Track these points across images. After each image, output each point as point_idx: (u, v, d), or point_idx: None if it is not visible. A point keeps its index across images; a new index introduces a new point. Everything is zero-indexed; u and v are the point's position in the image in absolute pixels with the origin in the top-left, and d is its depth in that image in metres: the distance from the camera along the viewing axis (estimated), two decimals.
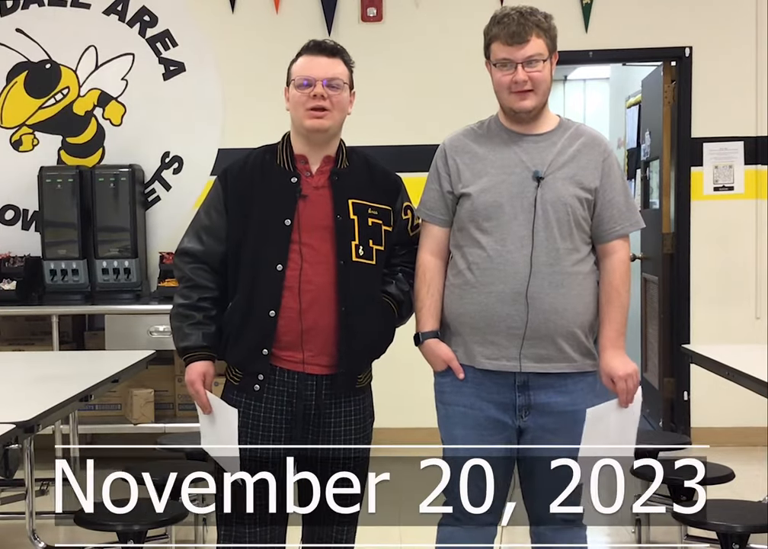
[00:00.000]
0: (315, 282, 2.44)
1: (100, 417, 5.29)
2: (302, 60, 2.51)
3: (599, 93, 8.88)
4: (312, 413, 2.49)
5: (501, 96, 2.56)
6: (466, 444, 2.57)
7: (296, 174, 2.50)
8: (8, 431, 2.56)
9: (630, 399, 2.54)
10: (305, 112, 2.46)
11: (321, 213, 2.48)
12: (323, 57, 2.49)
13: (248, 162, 2.56)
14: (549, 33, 2.53)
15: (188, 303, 2.51)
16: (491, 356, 2.53)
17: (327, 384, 2.49)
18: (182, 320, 2.52)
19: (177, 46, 5.63)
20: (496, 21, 2.53)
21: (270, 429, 2.48)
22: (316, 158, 2.52)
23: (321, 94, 2.44)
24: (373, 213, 2.52)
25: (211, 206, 2.54)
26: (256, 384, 2.47)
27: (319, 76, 2.46)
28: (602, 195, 2.56)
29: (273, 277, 2.42)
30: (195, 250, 2.53)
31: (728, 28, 5.53)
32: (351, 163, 2.56)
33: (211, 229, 2.52)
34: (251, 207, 2.48)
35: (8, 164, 5.66)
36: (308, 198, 2.48)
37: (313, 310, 2.43)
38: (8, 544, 4.08)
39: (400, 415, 5.48)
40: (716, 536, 3.18)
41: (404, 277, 2.63)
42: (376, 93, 5.57)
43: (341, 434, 2.53)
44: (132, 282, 5.38)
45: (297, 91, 2.47)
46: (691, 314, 5.61)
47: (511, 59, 2.49)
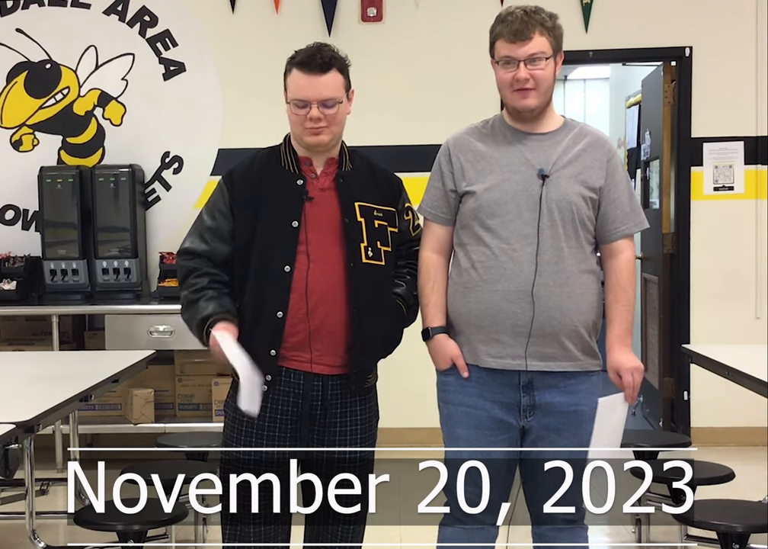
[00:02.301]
0: (323, 283, 2.45)
1: (100, 417, 5.29)
2: (296, 77, 2.47)
3: (599, 93, 8.88)
4: (318, 413, 2.49)
5: (504, 94, 2.56)
6: (469, 444, 2.57)
7: (301, 176, 2.51)
8: (8, 431, 2.56)
9: (635, 394, 2.55)
10: (304, 130, 2.48)
11: (328, 215, 2.49)
12: (314, 76, 2.45)
13: (254, 164, 2.56)
14: (553, 32, 2.52)
15: (198, 287, 2.49)
16: (495, 354, 2.53)
17: (333, 384, 2.50)
18: (194, 302, 2.47)
19: (177, 46, 5.63)
20: (500, 20, 2.54)
21: (276, 429, 2.49)
22: (320, 160, 2.54)
23: (317, 117, 2.45)
24: (379, 214, 2.53)
25: (215, 207, 2.54)
26: (263, 384, 2.47)
27: (313, 98, 2.44)
28: (606, 195, 2.57)
29: (280, 279, 2.43)
30: (200, 249, 2.52)
31: (728, 28, 5.53)
32: (354, 165, 2.57)
33: (215, 231, 2.52)
34: (258, 208, 2.48)
35: (7, 164, 5.66)
36: (315, 200, 2.49)
37: (321, 311, 2.44)
38: (8, 544, 4.08)
39: (401, 415, 5.49)
40: (716, 536, 3.18)
41: (413, 280, 2.65)
42: (376, 93, 5.57)
43: (347, 434, 2.53)
44: (132, 282, 5.38)
45: (293, 109, 2.48)
46: (691, 314, 5.61)
47: (513, 56, 2.49)
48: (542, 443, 2.57)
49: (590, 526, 2.70)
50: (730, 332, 5.45)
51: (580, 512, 2.66)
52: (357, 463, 2.53)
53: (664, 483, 3.71)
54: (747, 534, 3.12)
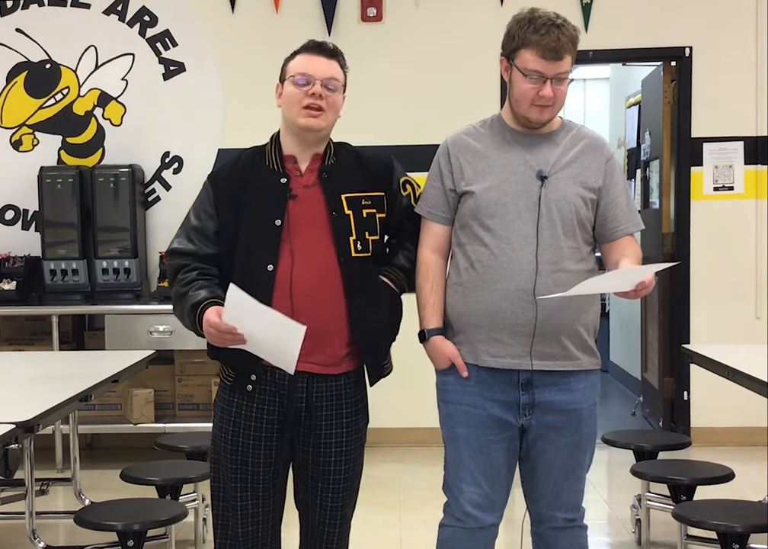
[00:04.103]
0: (308, 281, 2.43)
1: (100, 417, 5.30)
2: (301, 58, 2.50)
3: (599, 93, 8.88)
4: (304, 415, 2.48)
5: (521, 105, 2.53)
6: (469, 443, 2.57)
7: (285, 174, 2.50)
8: (8, 431, 2.56)
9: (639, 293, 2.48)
10: (301, 110, 2.46)
11: (314, 212, 2.48)
12: (322, 57, 2.49)
13: (238, 163, 2.56)
14: (576, 48, 2.53)
15: (188, 280, 2.47)
16: (495, 354, 2.53)
17: (319, 386, 2.47)
18: (184, 294, 2.45)
19: (177, 46, 5.64)
20: (533, 29, 2.47)
21: (263, 429, 2.48)
22: (305, 157, 2.52)
23: (319, 94, 2.45)
24: (367, 203, 2.52)
25: (201, 208, 2.53)
26: (248, 385, 2.47)
27: (318, 75, 2.46)
28: (605, 196, 2.57)
29: (264, 278, 2.42)
30: (187, 250, 2.52)
31: (728, 28, 5.53)
32: (339, 158, 2.56)
33: (201, 231, 2.51)
34: (242, 208, 2.48)
35: (8, 164, 5.66)
36: (299, 198, 2.48)
37: (307, 308, 2.42)
38: (8, 544, 4.08)
39: (400, 415, 5.49)
40: (716, 536, 3.18)
41: (412, 245, 2.64)
42: (376, 93, 5.57)
43: (333, 436, 2.51)
44: (132, 282, 5.39)
45: (294, 88, 2.47)
46: (691, 314, 5.61)
47: (544, 73, 2.48)
48: (542, 441, 2.57)
49: (590, 526, 2.71)
50: (730, 332, 5.45)
51: (580, 512, 2.66)
52: (342, 465, 2.52)
53: (663, 482, 3.73)
54: (747, 534, 3.12)
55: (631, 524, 4.09)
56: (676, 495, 3.67)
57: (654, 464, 3.87)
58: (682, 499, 3.63)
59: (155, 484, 3.66)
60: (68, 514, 4.04)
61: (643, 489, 3.89)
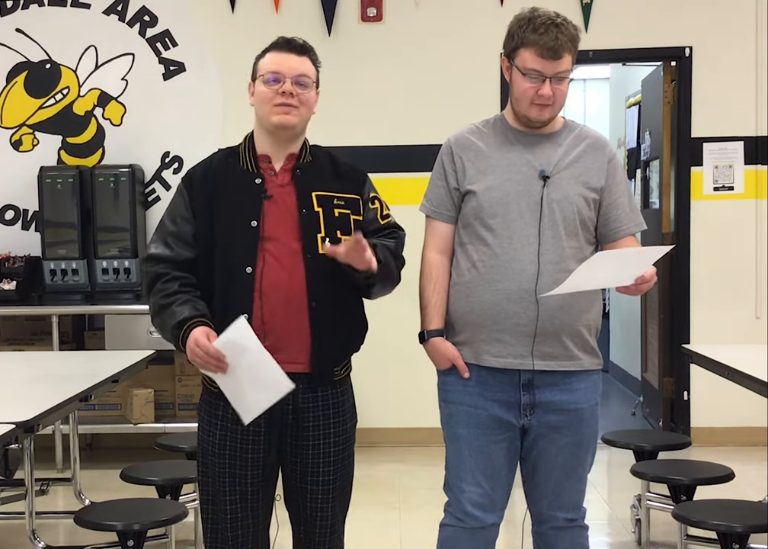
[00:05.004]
0: (285, 281, 2.40)
1: (100, 417, 5.30)
2: (271, 56, 2.49)
3: (599, 93, 8.88)
4: (291, 417, 2.45)
5: (520, 104, 2.53)
6: (469, 444, 2.57)
7: (259, 174, 2.48)
8: (8, 431, 2.55)
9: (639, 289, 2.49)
10: (273, 108, 2.45)
11: (287, 211, 2.45)
12: (292, 54, 2.47)
13: (212, 165, 2.54)
14: (576, 47, 2.53)
15: (169, 292, 2.43)
16: (497, 354, 2.53)
17: (303, 388, 2.43)
18: (166, 306, 2.41)
19: (177, 46, 5.64)
20: (531, 28, 2.48)
21: (249, 433, 2.44)
22: (280, 156, 2.50)
23: (290, 92, 2.43)
24: (340, 203, 2.48)
25: (176, 212, 2.50)
26: None
27: (288, 73, 2.44)
28: (607, 196, 2.58)
29: (243, 280, 2.39)
30: (164, 255, 2.47)
31: (728, 28, 5.53)
32: (314, 157, 2.54)
33: (178, 235, 2.47)
34: (217, 211, 2.45)
35: (7, 164, 5.66)
36: (274, 198, 2.46)
37: (284, 309, 2.39)
38: (8, 543, 4.08)
39: (400, 416, 5.49)
40: (716, 536, 3.18)
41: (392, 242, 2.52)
42: (376, 93, 5.57)
43: (320, 437, 2.47)
44: (132, 282, 5.38)
45: (265, 86, 2.46)
46: (691, 314, 5.61)
47: (543, 72, 2.48)
48: (543, 441, 2.57)
49: (590, 526, 2.71)
50: (730, 332, 5.45)
51: (581, 512, 2.66)
52: (331, 465, 2.49)
53: (663, 483, 3.73)
54: (747, 534, 3.12)
55: (631, 524, 4.09)
56: (676, 495, 3.67)
57: (654, 464, 3.87)
58: (682, 499, 3.62)
59: (155, 484, 3.66)
60: (68, 514, 4.04)
61: (643, 489, 3.89)
